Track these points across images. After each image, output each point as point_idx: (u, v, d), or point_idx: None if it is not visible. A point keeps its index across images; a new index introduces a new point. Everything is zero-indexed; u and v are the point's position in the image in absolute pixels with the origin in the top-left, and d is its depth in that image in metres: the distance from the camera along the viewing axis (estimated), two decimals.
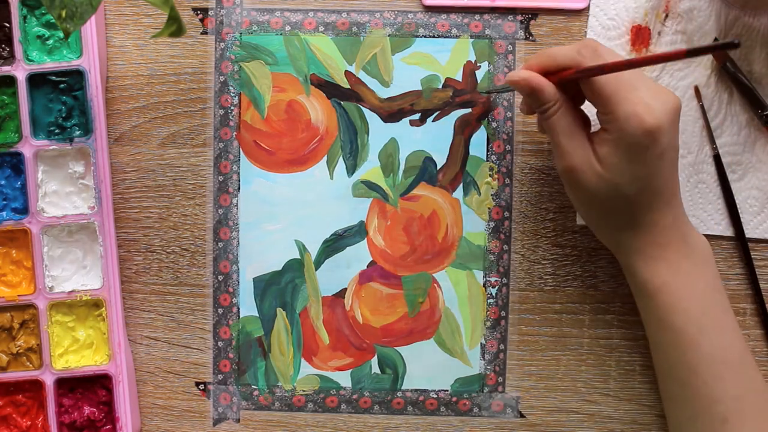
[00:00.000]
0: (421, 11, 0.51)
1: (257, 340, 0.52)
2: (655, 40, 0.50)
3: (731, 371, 0.44)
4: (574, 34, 0.50)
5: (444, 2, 0.50)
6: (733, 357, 0.44)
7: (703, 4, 0.50)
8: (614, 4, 0.50)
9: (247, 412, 0.52)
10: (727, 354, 0.44)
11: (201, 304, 0.52)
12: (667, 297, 0.45)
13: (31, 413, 0.50)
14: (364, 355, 0.52)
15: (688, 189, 0.50)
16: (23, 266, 0.50)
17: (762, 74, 0.50)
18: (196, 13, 0.51)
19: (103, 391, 0.50)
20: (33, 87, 0.49)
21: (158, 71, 0.51)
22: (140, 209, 0.51)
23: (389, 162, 0.51)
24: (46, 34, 0.50)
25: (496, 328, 0.51)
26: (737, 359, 0.44)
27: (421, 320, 0.51)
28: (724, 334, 0.45)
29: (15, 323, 0.50)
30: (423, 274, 0.51)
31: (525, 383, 0.51)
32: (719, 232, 0.51)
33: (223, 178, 0.51)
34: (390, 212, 0.51)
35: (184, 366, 0.52)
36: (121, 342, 0.50)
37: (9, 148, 0.49)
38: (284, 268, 0.51)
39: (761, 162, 0.50)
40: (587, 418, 0.51)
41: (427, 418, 0.52)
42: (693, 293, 0.44)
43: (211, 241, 0.51)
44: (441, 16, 0.51)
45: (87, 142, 0.49)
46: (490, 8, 0.50)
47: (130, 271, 0.51)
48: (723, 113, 0.50)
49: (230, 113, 0.51)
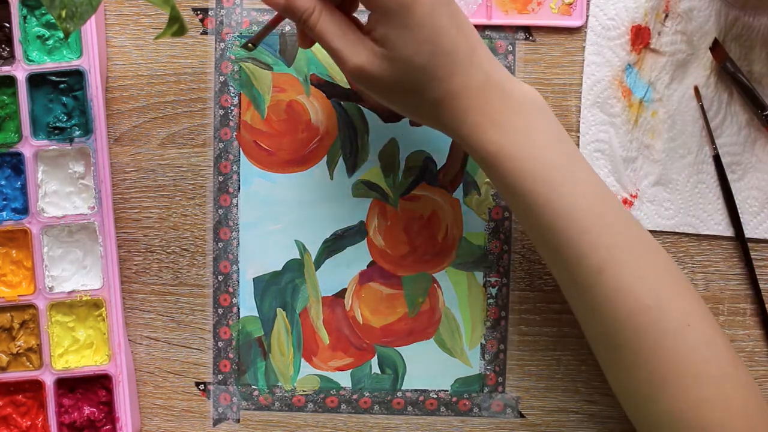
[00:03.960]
0: None
1: (257, 340, 0.52)
2: (655, 40, 0.50)
3: (597, 221, 0.41)
4: (573, 34, 0.50)
5: None
6: (594, 205, 0.41)
7: (703, 4, 0.50)
8: (614, 4, 0.50)
9: (247, 413, 0.52)
10: (587, 203, 0.41)
11: (201, 304, 0.52)
12: (507, 162, 0.41)
13: (31, 413, 0.50)
14: (364, 355, 0.52)
15: (688, 189, 0.50)
16: (23, 266, 0.50)
17: (762, 74, 0.50)
18: (196, 13, 0.51)
19: (103, 391, 0.50)
20: (33, 87, 0.49)
21: (158, 71, 0.51)
22: (140, 209, 0.51)
23: (389, 162, 0.51)
24: (46, 34, 0.50)
25: (496, 328, 0.51)
26: (600, 207, 0.42)
27: (421, 320, 0.51)
28: (578, 185, 0.42)
29: (15, 323, 0.50)
30: (423, 274, 0.51)
31: (525, 383, 0.51)
32: (719, 232, 0.51)
33: (223, 178, 0.51)
34: (390, 212, 0.51)
35: (184, 366, 0.52)
36: (121, 342, 0.50)
37: (9, 148, 0.49)
38: (284, 268, 0.51)
39: (761, 162, 0.50)
40: (587, 418, 0.51)
41: (427, 418, 0.52)
42: (533, 151, 0.41)
43: (211, 241, 0.51)
44: None
45: (87, 142, 0.49)
46: (486, 26, 0.50)
47: (130, 271, 0.51)
48: (723, 113, 0.50)
49: (230, 113, 0.51)
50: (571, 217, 0.41)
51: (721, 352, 0.42)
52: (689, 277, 0.51)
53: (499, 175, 0.42)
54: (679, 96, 0.50)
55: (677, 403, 0.41)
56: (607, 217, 0.42)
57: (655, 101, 0.50)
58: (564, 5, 0.50)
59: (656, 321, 0.41)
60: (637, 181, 0.50)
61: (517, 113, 0.42)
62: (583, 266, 0.42)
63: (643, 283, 0.41)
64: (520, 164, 0.41)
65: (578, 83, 0.51)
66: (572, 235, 0.41)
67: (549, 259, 0.44)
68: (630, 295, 0.41)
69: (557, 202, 0.41)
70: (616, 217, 0.42)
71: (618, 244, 0.42)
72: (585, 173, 0.42)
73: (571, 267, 0.42)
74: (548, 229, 0.42)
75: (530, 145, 0.41)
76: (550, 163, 0.41)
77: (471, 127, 0.42)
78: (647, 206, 0.50)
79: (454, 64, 0.41)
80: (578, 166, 0.42)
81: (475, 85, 0.41)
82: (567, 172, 0.42)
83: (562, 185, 0.41)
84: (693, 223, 0.51)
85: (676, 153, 0.50)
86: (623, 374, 0.43)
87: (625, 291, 0.41)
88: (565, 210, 0.41)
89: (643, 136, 0.50)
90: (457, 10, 0.41)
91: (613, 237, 0.42)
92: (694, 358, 0.41)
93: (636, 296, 0.41)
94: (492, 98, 0.41)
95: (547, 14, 0.50)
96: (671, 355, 0.41)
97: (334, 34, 0.41)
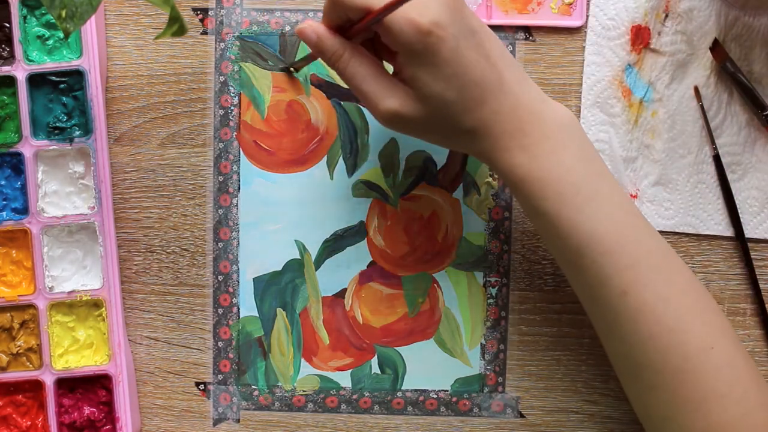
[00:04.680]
0: None
1: (257, 340, 0.52)
2: (655, 40, 0.50)
3: (621, 242, 0.41)
4: (573, 34, 0.50)
5: None
6: (619, 226, 0.41)
7: (703, 4, 0.50)
8: (614, 4, 0.50)
9: (247, 413, 0.52)
10: (612, 224, 0.41)
11: (201, 304, 0.52)
12: (533, 185, 0.41)
13: (31, 413, 0.50)
14: (364, 355, 0.52)
15: (688, 189, 0.50)
16: (23, 266, 0.50)
17: (762, 74, 0.50)
18: (196, 13, 0.51)
19: (103, 391, 0.50)
20: (33, 87, 0.49)
21: (158, 71, 0.51)
22: (140, 209, 0.51)
23: (389, 162, 0.51)
24: (46, 34, 0.50)
25: (496, 328, 0.51)
26: (625, 227, 0.42)
27: (421, 320, 0.51)
28: (602, 206, 0.42)
29: (15, 323, 0.50)
30: (423, 274, 0.51)
31: (525, 383, 0.51)
32: (719, 232, 0.51)
33: (223, 178, 0.51)
34: (390, 212, 0.51)
35: (184, 366, 0.52)
36: (121, 342, 0.50)
37: (9, 148, 0.49)
38: (284, 268, 0.51)
39: (761, 162, 0.50)
40: (587, 418, 0.51)
41: (427, 418, 0.52)
42: (560, 174, 0.41)
43: (211, 241, 0.51)
44: None
45: (87, 142, 0.49)
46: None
47: (130, 271, 0.51)
48: (723, 113, 0.50)
49: (230, 113, 0.51)
50: (594, 239, 0.41)
51: (743, 372, 0.41)
52: None
53: (525, 197, 0.42)
54: (679, 96, 0.50)
55: (700, 424, 0.41)
56: (631, 237, 0.42)
57: (655, 101, 0.50)
58: (564, 5, 0.50)
59: (679, 343, 0.41)
60: (637, 181, 0.50)
61: (546, 136, 0.42)
62: (606, 287, 0.42)
63: (666, 305, 0.41)
64: (546, 186, 0.41)
65: (578, 83, 0.51)
66: (596, 257, 0.41)
67: (572, 278, 0.44)
68: (652, 317, 0.41)
69: (582, 225, 0.41)
70: (641, 236, 0.42)
71: (642, 264, 0.41)
72: (610, 193, 0.42)
73: (595, 288, 0.42)
74: (572, 251, 0.42)
75: (556, 168, 0.41)
76: (575, 185, 0.41)
77: (500, 152, 0.42)
78: (647, 206, 0.50)
79: (484, 93, 0.41)
80: (604, 187, 0.42)
81: (504, 110, 0.41)
82: (592, 194, 0.42)
83: (587, 207, 0.41)
84: (693, 223, 0.51)
85: (676, 153, 0.50)
86: (645, 394, 0.43)
87: (647, 313, 0.41)
88: (589, 232, 0.41)
89: (643, 136, 0.50)
90: (484, 38, 0.41)
91: (638, 257, 0.42)
92: (717, 380, 0.41)
93: (658, 318, 0.41)
94: (521, 122, 0.42)
95: (547, 14, 0.50)
96: (694, 378, 0.41)
97: (364, 77, 0.42)
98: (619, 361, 0.44)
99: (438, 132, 0.43)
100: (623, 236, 0.41)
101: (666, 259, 0.43)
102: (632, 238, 0.42)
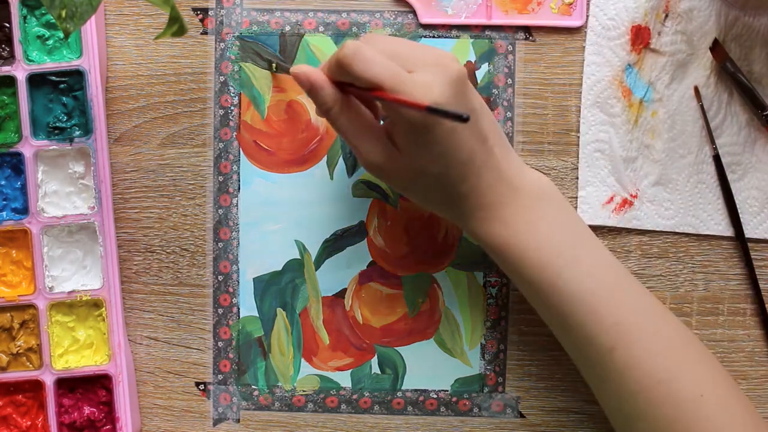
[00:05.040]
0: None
1: (257, 340, 0.52)
2: (655, 40, 0.50)
3: (603, 300, 0.42)
4: (573, 34, 0.50)
5: (441, 20, 0.50)
6: (601, 285, 0.42)
7: (703, 4, 0.50)
8: (614, 4, 0.50)
9: (247, 413, 0.52)
10: (594, 284, 0.42)
11: (201, 304, 0.52)
12: (513, 253, 0.43)
13: (31, 413, 0.50)
14: (364, 355, 0.52)
15: (688, 189, 0.50)
16: (23, 266, 0.50)
17: (762, 74, 0.50)
18: (196, 13, 0.51)
19: (103, 391, 0.50)
20: (33, 87, 0.49)
21: (158, 71, 0.51)
22: (140, 209, 0.51)
23: None
24: (46, 34, 0.50)
25: (496, 328, 0.51)
26: (607, 285, 0.42)
27: (421, 320, 0.51)
28: (582, 268, 0.42)
29: (15, 323, 0.50)
30: (423, 274, 0.51)
31: (525, 383, 0.51)
32: (719, 232, 0.51)
33: (223, 178, 0.51)
34: (390, 212, 0.51)
35: (184, 366, 0.52)
36: (121, 342, 0.50)
37: (9, 148, 0.49)
38: (284, 268, 0.51)
39: (761, 162, 0.50)
40: (587, 418, 0.51)
41: (427, 419, 0.52)
42: (537, 241, 0.42)
43: (211, 241, 0.51)
44: None
45: (87, 142, 0.49)
46: (486, 26, 0.50)
47: (130, 271, 0.51)
48: (723, 113, 0.50)
49: (230, 113, 0.51)
50: (577, 300, 0.42)
51: (738, 416, 0.41)
52: (689, 277, 0.51)
53: (506, 264, 0.44)
54: (679, 96, 0.50)
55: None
56: (615, 293, 0.42)
57: (655, 101, 0.50)
58: (564, 5, 0.50)
59: (668, 394, 0.41)
60: (637, 181, 0.50)
61: (524, 207, 0.43)
62: (594, 345, 0.42)
63: (653, 358, 0.41)
64: (525, 254, 0.43)
65: (578, 83, 0.51)
66: (579, 318, 0.42)
67: (560, 337, 0.45)
68: (640, 372, 0.41)
69: (563, 288, 0.42)
70: (625, 291, 0.43)
71: (628, 320, 0.42)
72: (589, 253, 0.43)
73: (583, 346, 0.43)
74: (557, 313, 0.43)
75: (535, 236, 0.43)
76: (554, 250, 0.42)
77: (478, 222, 0.43)
78: (647, 206, 0.50)
79: (468, 171, 0.42)
80: (583, 249, 0.43)
81: (484, 185, 0.42)
82: (571, 258, 0.43)
83: (567, 271, 0.42)
84: (693, 223, 0.51)
85: (676, 153, 0.50)
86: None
87: (635, 368, 0.41)
88: (571, 294, 0.42)
89: (643, 136, 0.50)
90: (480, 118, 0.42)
91: (622, 314, 0.42)
92: (710, 428, 0.41)
93: (647, 372, 0.41)
94: (500, 195, 0.43)
95: (547, 14, 0.50)
96: (687, 426, 0.41)
97: (354, 132, 0.43)
98: (613, 414, 0.44)
99: (415, 193, 0.44)
100: (606, 294, 0.42)
101: (652, 310, 0.43)
102: (616, 295, 0.42)
